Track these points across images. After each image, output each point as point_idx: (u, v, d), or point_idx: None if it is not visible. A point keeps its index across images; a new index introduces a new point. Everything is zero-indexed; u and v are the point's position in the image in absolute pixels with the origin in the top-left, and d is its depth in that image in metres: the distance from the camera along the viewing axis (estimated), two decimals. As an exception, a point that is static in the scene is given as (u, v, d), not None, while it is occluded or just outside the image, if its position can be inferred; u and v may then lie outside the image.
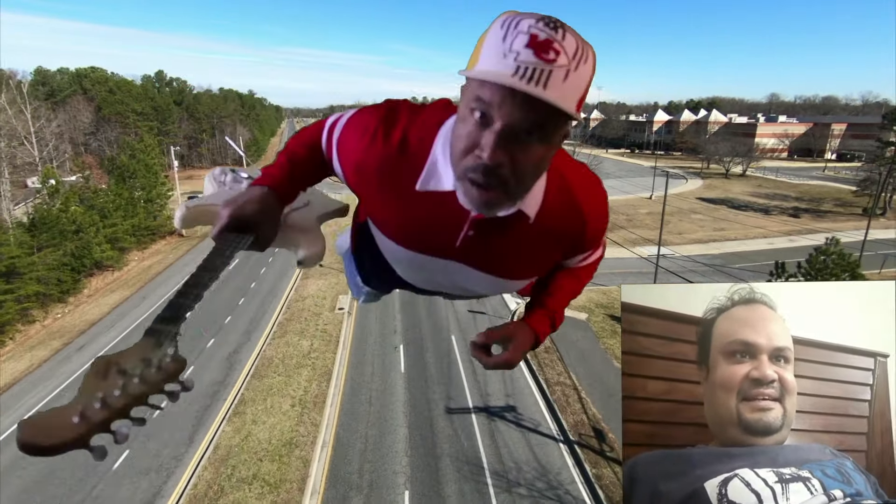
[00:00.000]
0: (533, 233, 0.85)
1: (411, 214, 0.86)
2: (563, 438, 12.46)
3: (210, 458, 12.08)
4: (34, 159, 33.87)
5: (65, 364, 17.45)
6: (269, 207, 0.90)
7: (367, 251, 1.12)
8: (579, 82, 0.64)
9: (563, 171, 0.84)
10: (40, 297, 22.13)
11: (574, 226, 0.88)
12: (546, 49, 0.61)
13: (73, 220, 25.24)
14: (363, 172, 0.88)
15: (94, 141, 54.85)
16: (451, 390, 14.80)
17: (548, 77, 0.61)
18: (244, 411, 13.94)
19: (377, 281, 1.33)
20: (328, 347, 17.67)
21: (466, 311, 20.21)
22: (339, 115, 0.98)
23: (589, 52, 0.65)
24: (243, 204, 0.87)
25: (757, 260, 27.21)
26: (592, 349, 16.81)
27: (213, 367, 16.33)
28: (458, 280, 0.98)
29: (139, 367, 0.54)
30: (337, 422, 13.44)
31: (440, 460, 11.91)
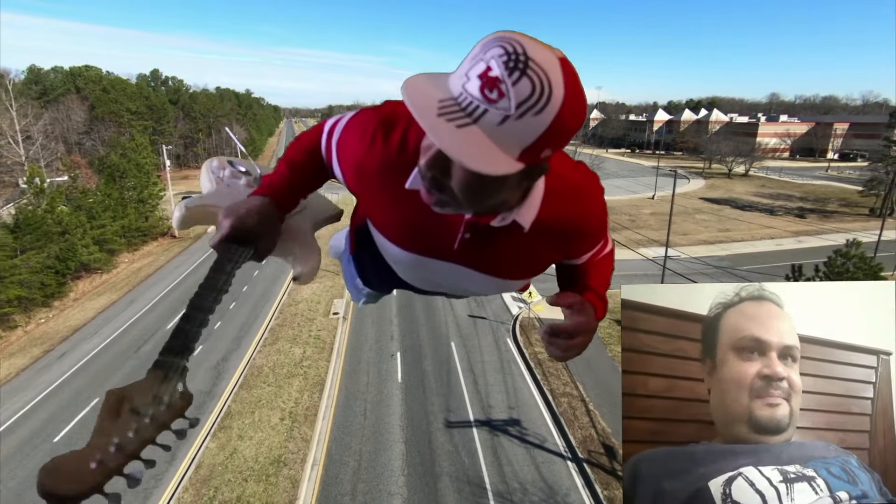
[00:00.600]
0: (530, 237, 0.84)
1: (410, 217, 0.86)
2: (570, 456, 11.63)
3: (191, 479, 11.22)
4: (20, 158, 32.92)
5: (44, 373, 16.58)
6: (270, 219, 0.91)
7: (367, 252, 1.12)
8: (523, 131, 0.59)
9: (561, 174, 0.82)
10: (22, 301, 21.24)
11: (572, 228, 0.87)
12: (490, 87, 0.58)
13: (59, 220, 24.34)
14: (363, 174, 0.88)
15: (87, 140, 53.89)
16: (451, 401, 13.98)
17: (480, 115, 0.58)
18: (230, 425, 13.09)
19: (377, 281, 1.31)
20: (321, 355, 16.82)
21: (466, 315, 19.40)
22: (338, 118, 0.97)
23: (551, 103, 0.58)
24: (244, 215, 0.87)
25: (766, 261, 26.46)
26: (599, 356, 16.00)
27: (200, 377, 15.48)
28: (457, 281, 0.98)
29: (150, 405, 0.55)
30: (329, 437, 12.60)
31: (439, 480, 11.08)
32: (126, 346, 18.17)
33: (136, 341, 18.41)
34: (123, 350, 17.91)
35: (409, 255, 0.94)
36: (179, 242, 32.66)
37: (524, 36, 0.59)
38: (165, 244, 32.66)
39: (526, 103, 0.57)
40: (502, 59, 0.57)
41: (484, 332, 18.22)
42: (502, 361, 16.11)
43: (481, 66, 0.58)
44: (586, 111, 0.64)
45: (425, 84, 0.62)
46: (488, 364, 15.93)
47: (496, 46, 0.58)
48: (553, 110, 0.59)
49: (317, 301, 21.46)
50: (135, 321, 20.44)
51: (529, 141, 0.60)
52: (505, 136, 0.59)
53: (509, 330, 18.29)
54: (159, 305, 21.92)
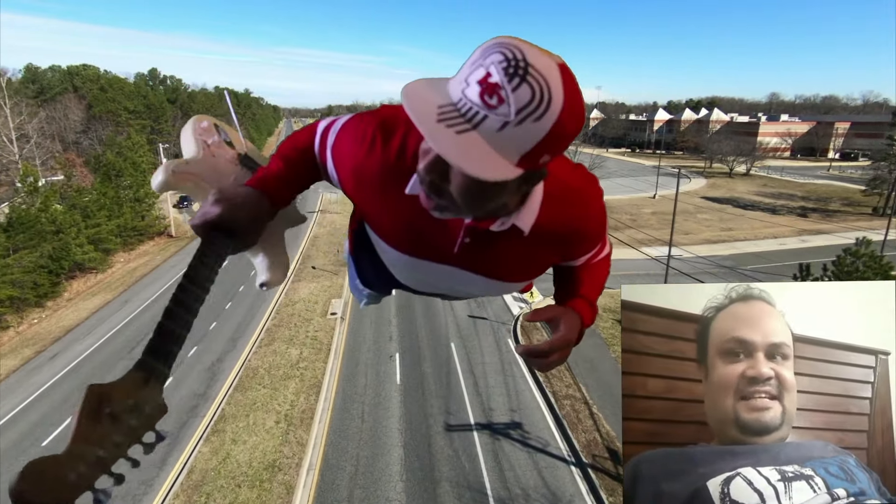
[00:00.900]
0: (530, 241, 0.84)
1: (410, 221, 0.86)
2: (574, 460, 11.28)
3: (183, 485, 10.87)
4: (14, 157, 32.54)
5: (35, 374, 16.23)
6: (261, 216, 0.88)
7: (366, 253, 1.11)
8: (522, 137, 0.59)
9: (560, 177, 0.81)
10: (14, 301, 20.89)
11: (572, 231, 0.88)
12: (490, 93, 0.57)
13: (53, 219, 23.97)
14: (361, 180, 0.88)
15: (85, 139, 53.49)
16: (451, 404, 13.63)
17: (480, 120, 0.58)
18: (224, 429, 12.73)
19: (377, 283, 1.31)
20: (318, 356, 16.47)
21: (467, 316, 19.06)
22: (332, 120, 0.96)
23: (550, 109, 0.58)
24: (238, 205, 0.83)
25: (770, 260, 26.15)
26: (602, 358, 15.67)
27: (194, 378, 15.13)
28: (457, 284, 0.98)
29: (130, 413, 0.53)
30: (325, 441, 12.25)
31: (438, 485, 10.74)
32: (119, 347, 17.82)
33: (130, 342, 18.06)
34: (116, 351, 17.56)
35: (408, 259, 0.94)
36: (176, 242, 32.33)
37: (523, 42, 0.59)
38: (162, 243, 32.32)
39: (525, 110, 0.57)
40: (502, 65, 0.57)
41: (484, 332, 17.87)
42: (503, 363, 15.75)
43: (481, 71, 0.58)
44: (585, 117, 0.64)
45: (425, 90, 0.62)
46: (489, 365, 15.58)
47: (496, 52, 0.58)
48: (552, 117, 0.58)
49: (314, 301, 21.11)
50: (129, 321, 20.10)
51: (529, 147, 0.60)
52: (504, 142, 0.59)
53: (510, 330, 17.94)
54: (154, 305, 21.57)
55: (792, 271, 15.31)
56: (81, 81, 58.77)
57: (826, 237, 30.98)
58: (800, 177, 55.25)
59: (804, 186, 49.66)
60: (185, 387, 14.56)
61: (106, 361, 16.80)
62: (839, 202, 42.18)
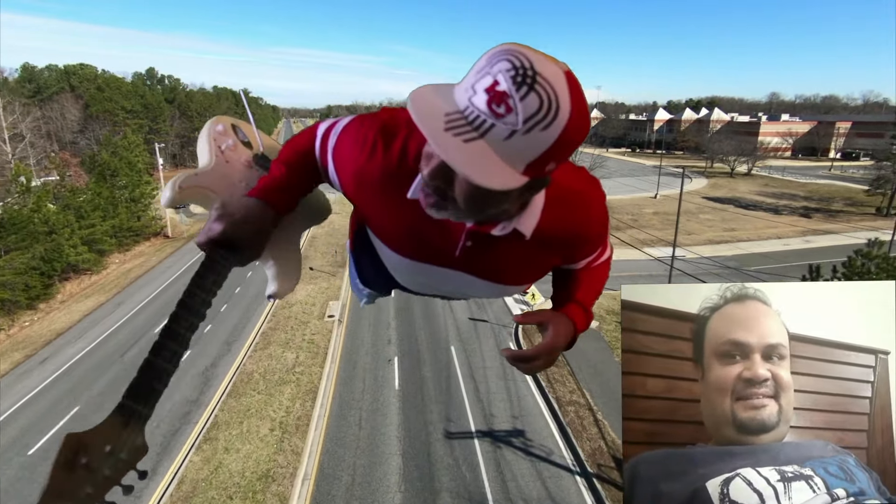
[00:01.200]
0: (531, 244, 0.84)
1: (411, 225, 0.86)
2: (579, 470, 10.88)
3: (172, 496, 10.46)
4: (7, 156, 32.10)
5: (24, 379, 15.82)
6: (265, 227, 0.89)
7: (366, 253, 1.10)
8: (529, 146, 0.59)
9: (562, 181, 0.80)
10: (5, 303, 20.48)
11: (573, 235, 0.87)
12: (498, 102, 0.57)
13: (46, 220, 23.56)
14: (362, 183, 0.87)
15: (81, 139, 53.04)
16: (451, 410, 13.23)
17: (487, 129, 0.58)
18: (216, 437, 12.32)
19: (377, 283, 1.31)
20: (315, 360, 16.06)
21: (467, 318, 18.66)
22: (333, 123, 0.95)
23: (558, 118, 0.58)
24: (240, 221, 0.84)
25: (774, 261, 25.76)
26: (606, 362, 15.27)
27: (187, 384, 14.72)
28: (458, 286, 0.99)
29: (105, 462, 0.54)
30: (321, 449, 11.85)
31: (438, 496, 10.34)
32: (111, 351, 17.41)
33: (122, 346, 17.65)
34: (108, 354, 17.14)
35: (409, 263, 0.94)
36: (172, 242, 31.92)
37: (530, 49, 0.59)
38: (158, 244, 31.90)
39: (533, 118, 0.57)
40: (510, 73, 0.57)
41: (485, 335, 17.47)
42: (505, 367, 15.34)
43: (488, 79, 0.58)
44: (590, 124, 0.64)
45: (431, 96, 0.62)
46: (490, 370, 15.17)
47: (503, 60, 0.58)
48: (560, 125, 0.58)
49: (311, 303, 20.71)
50: (122, 324, 19.68)
51: (535, 155, 0.60)
52: (511, 151, 0.59)
53: (511, 333, 17.54)
54: (148, 308, 21.17)
55: (797, 272, 14.97)
56: (78, 81, 58.36)
57: (830, 237, 30.62)
58: (801, 177, 54.89)
59: (806, 186, 49.30)
60: (178, 393, 14.15)
61: (97, 365, 16.38)
62: (842, 202, 41.80)
